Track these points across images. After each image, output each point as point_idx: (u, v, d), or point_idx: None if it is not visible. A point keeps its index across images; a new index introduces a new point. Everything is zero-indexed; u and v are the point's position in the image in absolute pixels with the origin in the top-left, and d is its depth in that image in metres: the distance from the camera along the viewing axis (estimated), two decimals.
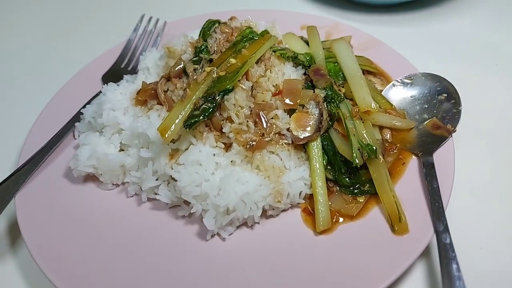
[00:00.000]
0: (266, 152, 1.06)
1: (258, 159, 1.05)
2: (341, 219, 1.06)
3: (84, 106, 1.27)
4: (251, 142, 1.04)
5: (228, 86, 1.04)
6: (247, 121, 1.06)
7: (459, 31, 1.63)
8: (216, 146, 1.08)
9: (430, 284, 0.98)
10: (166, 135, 1.00)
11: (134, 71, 1.40)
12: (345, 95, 1.19)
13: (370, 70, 1.34)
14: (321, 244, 1.01)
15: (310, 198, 1.09)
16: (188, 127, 1.01)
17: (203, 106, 1.02)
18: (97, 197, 1.14)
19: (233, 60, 1.08)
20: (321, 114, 1.10)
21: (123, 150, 1.17)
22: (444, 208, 0.99)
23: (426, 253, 1.02)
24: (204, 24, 1.23)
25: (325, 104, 1.12)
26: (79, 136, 1.22)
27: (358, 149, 1.06)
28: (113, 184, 1.16)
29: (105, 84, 1.25)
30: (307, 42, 1.33)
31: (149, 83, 1.17)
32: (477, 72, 1.47)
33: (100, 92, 1.26)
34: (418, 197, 1.05)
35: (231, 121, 1.07)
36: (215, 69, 1.07)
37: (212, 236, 1.04)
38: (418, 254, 0.94)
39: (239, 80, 1.08)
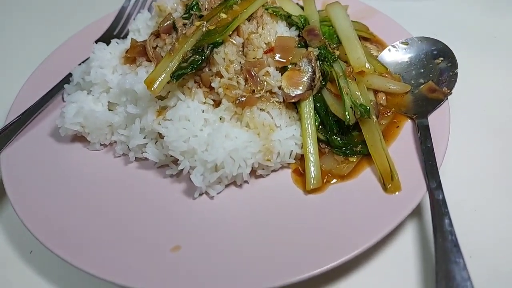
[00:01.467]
0: (256, 109, 1.04)
1: (248, 116, 1.02)
2: (333, 181, 1.03)
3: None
4: (240, 98, 1.02)
5: (217, 39, 1.02)
6: (237, 77, 1.04)
7: (456, 4, 1.61)
8: (205, 103, 1.05)
9: (422, 241, 0.96)
10: (153, 88, 0.97)
11: (126, 37, 1.37)
12: (339, 58, 1.16)
13: (366, 37, 1.31)
14: (311, 202, 0.98)
15: (301, 159, 1.06)
16: (175, 78, 0.98)
17: (191, 58, 1.00)
18: (83, 156, 1.12)
19: (223, 15, 1.05)
20: (313, 72, 1.07)
21: (111, 110, 1.15)
22: (438, 167, 0.96)
23: (418, 213, 1.00)
24: None
25: (318, 63, 1.09)
26: None
27: (351, 108, 1.04)
28: (100, 145, 1.13)
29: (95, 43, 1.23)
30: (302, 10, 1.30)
31: (139, 41, 1.15)
32: (476, 43, 1.45)
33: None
34: (411, 158, 1.02)
35: (221, 76, 1.04)
36: (205, 23, 1.04)
37: (201, 194, 1.02)
38: (410, 209, 0.91)
39: (229, 35, 1.05)
